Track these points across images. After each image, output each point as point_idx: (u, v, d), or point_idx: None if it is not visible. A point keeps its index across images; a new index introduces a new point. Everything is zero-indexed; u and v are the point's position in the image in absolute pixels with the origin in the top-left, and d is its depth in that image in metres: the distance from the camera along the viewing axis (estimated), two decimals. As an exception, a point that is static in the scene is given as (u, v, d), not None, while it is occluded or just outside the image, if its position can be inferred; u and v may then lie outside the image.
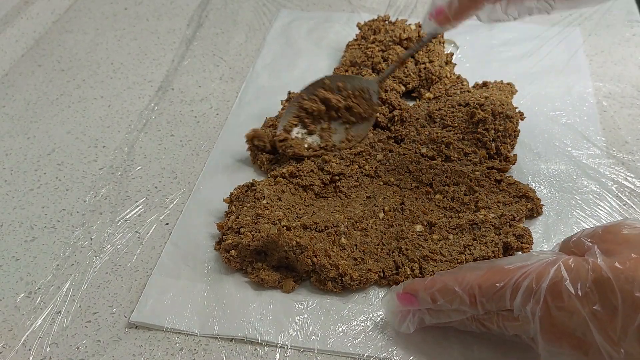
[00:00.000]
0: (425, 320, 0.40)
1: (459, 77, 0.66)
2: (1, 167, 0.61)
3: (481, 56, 0.72)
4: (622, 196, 0.53)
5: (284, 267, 0.48)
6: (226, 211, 0.53)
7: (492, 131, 0.56)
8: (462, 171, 0.54)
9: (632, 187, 0.54)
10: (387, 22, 0.71)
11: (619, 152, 0.58)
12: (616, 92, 0.65)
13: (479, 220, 0.49)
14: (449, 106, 0.59)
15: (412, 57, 0.67)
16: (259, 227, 0.48)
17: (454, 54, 0.71)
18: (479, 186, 0.53)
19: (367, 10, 0.82)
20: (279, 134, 0.57)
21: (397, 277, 0.46)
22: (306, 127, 0.58)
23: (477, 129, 0.56)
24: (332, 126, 0.58)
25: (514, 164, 0.56)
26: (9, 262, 0.51)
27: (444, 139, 0.56)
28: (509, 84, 0.64)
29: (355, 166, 0.55)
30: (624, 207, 0.52)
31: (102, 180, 0.58)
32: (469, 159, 0.55)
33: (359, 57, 0.67)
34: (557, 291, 0.33)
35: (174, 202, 0.55)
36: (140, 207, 0.55)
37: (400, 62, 0.58)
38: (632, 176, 0.55)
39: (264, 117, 0.62)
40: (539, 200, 0.52)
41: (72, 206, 0.56)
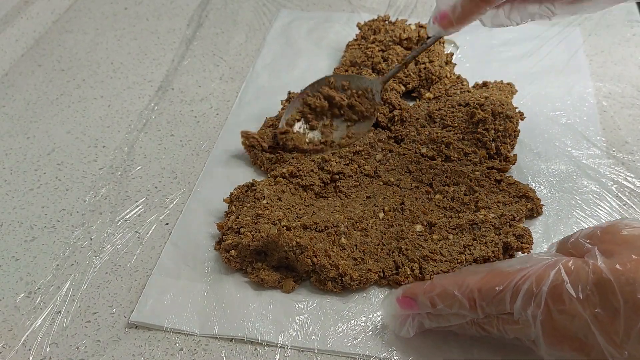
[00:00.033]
0: (424, 324, 0.40)
1: (459, 77, 0.66)
2: (1, 167, 0.61)
3: (481, 56, 0.72)
4: (622, 196, 0.53)
5: (284, 267, 0.48)
6: (226, 211, 0.53)
7: (492, 131, 0.56)
8: (462, 171, 0.54)
9: (632, 187, 0.54)
10: (387, 22, 0.71)
11: (619, 152, 0.58)
12: (616, 92, 0.65)
13: (479, 220, 0.49)
14: (449, 106, 0.59)
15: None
16: (259, 227, 0.48)
17: (454, 54, 0.71)
18: (479, 186, 0.53)
19: (367, 10, 0.82)
20: (281, 127, 0.57)
21: (397, 277, 0.46)
22: (308, 123, 0.59)
23: (477, 129, 0.56)
24: (333, 123, 0.59)
25: (514, 164, 0.56)
26: (9, 262, 0.51)
27: (444, 139, 0.56)
28: (509, 84, 0.64)
29: (354, 165, 0.55)
30: (624, 207, 0.52)
31: (102, 180, 0.58)
32: (469, 159, 0.55)
33: (359, 57, 0.67)
34: (557, 294, 0.33)
35: (174, 202, 0.55)
36: (140, 207, 0.55)
37: (403, 64, 0.59)
38: (632, 176, 0.55)
39: (264, 117, 0.62)
40: (539, 200, 0.52)
41: (72, 206, 0.56)
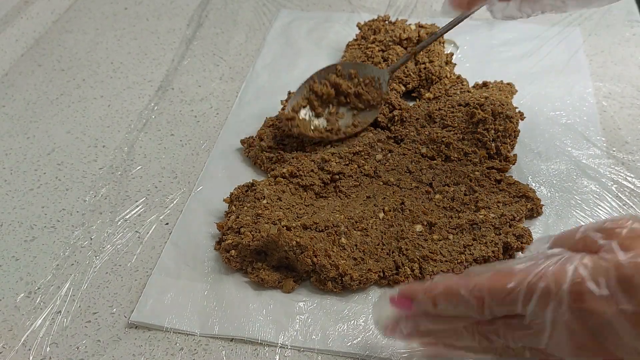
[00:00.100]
0: (420, 325, 0.38)
1: (459, 77, 0.66)
2: (1, 167, 0.61)
3: (481, 56, 0.72)
4: (622, 196, 0.53)
5: (284, 267, 0.48)
6: (226, 211, 0.53)
7: (492, 131, 0.56)
8: (462, 171, 0.54)
9: (632, 187, 0.54)
10: (387, 22, 0.71)
11: (619, 152, 0.58)
12: (616, 92, 0.65)
13: (479, 220, 0.49)
14: (449, 106, 0.59)
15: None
16: (259, 227, 0.48)
17: (454, 54, 0.71)
18: (479, 186, 0.53)
19: (367, 10, 0.82)
20: (287, 112, 0.57)
21: (397, 277, 0.46)
22: (314, 110, 0.59)
23: (477, 129, 0.56)
24: (339, 111, 0.59)
25: (514, 164, 0.56)
26: (9, 262, 0.51)
27: (444, 139, 0.56)
28: (509, 84, 0.64)
29: (354, 165, 0.55)
30: (623, 207, 0.52)
31: (102, 180, 0.58)
32: (469, 159, 0.55)
33: (359, 57, 0.67)
34: (577, 292, 0.31)
35: (174, 202, 0.55)
36: (140, 207, 0.55)
37: (412, 54, 0.59)
38: (632, 176, 0.55)
39: (264, 117, 0.62)
40: (539, 200, 0.52)
41: (72, 206, 0.56)
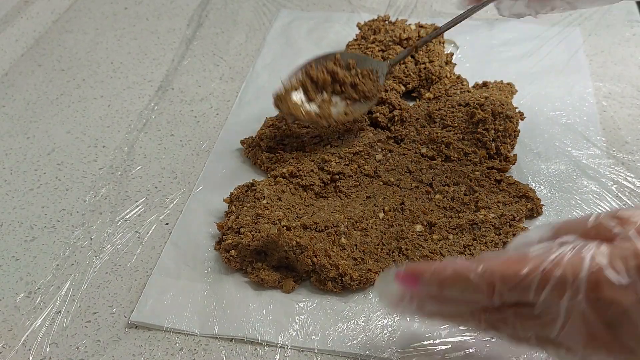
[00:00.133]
0: (425, 308, 0.36)
1: (459, 77, 0.66)
2: (1, 167, 0.61)
3: (481, 56, 0.72)
4: (622, 196, 0.53)
5: (284, 267, 0.48)
6: (226, 211, 0.53)
7: (492, 131, 0.56)
8: (462, 171, 0.54)
9: (632, 187, 0.54)
10: (387, 22, 0.71)
11: (619, 152, 0.58)
12: (616, 92, 0.65)
13: (479, 220, 0.49)
14: (449, 106, 0.59)
15: (412, 57, 0.66)
16: (259, 227, 0.48)
17: (454, 54, 0.71)
18: (479, 186, 0.53)
19: (367, 10, 0.82)
20: (279, 91, 0.56)
21: (397, 277, 0.46)
22: (307, 94, 0.57)
23: (477, 129, 0.56)
24: (333, 99, 0.58)
25: (514, 164, 0.56)
26: (9, 262, 0.51)
27: (444, 139, 0.56)
28: (509, 84, 0.64)
29: (354, 165, 0.55)
30: (623, 207, 0.52)
31: (102, 180, 0.58)
32: (469, 159, 0.55)
33: (359, 57, 0.67)
34: (594, 281, 0.30)
35: (174, 202, 0.55)
36: (140, 207, 0.55)
37: (414, 48, 0.58)
38: (632, 176, 0.55)
39: (264, 117, 0.62)
40: (539, 200, 0.52)
41: (72, 206, 0.56)
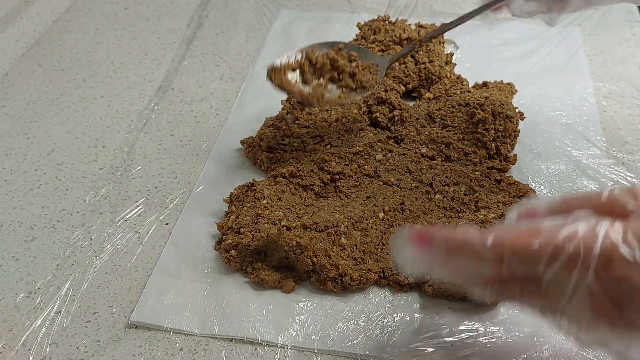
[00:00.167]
0: (434, 270, 0.35)
1: (459, 77, 0.66)
2: (1, 167, 0.61)
3: (481, 56, 0.72)
4: (622, 196, 0.53)
5: (284, 267, 0.48)
6: (226, 211, 0.53)
7: (492, 131, 0.56)
8: (462, 171, 0.54)
9: (632, 187, 0.54)
10: (387, 22, 0.71)
11: (619, 152, 0.58)
12: (616, 92, 0.65)
13: (479, 220, 0.49)
14: (449, 106, 0.59)
15: (412, 57, 0.67)
16: (259, 227, 0.48)
17: (454, 54, 0.71)
18: (479, 186, 0.53)
19: (367, 10, 0.82)
20: (275, 63, 0.55)
21: (397, 277, 0.46)
22: (303, 76, 0.56)
23: (477, 129, 0.56)
24: (329, 87, 0.56)
25: (514, 164, 0.56)
26: (9, 262, 0.51)
27: (444, 139, 0.56)
28: (509, 84, 0.64)
29: (354, 166, 0.55)
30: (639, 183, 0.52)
31: (102, 180, 0.58)
32: (469, 159, 0.55)
33: (359, 57, 0.67)
34: (607, 258, 0.30)
35: (174, 202, 0.55)
36: (140, 207, 0.55)
37: (418, 43, 0.57)
38: (632, 176, 0.55)
39: (264, 117, 0.62)
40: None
41: (72, 206, 0.56)
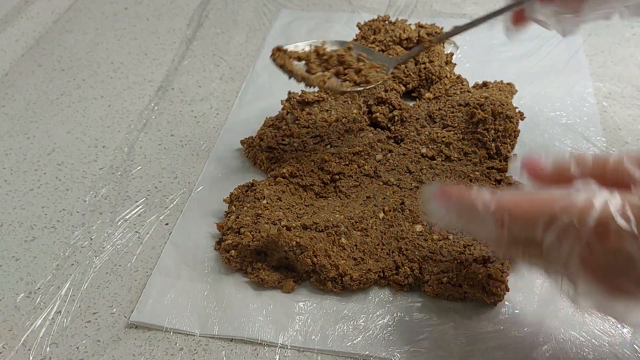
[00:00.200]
0: (453, 225, 0.39)
1: (459, 77, 0.66)
2: (1, 167, 0.61)
3: (481, 56, 0.72)
4: (622, 196, 0.53)
5: (284, 267, 0.48)
6: (226, 211, 0.53)
7: (492, 131, 0.56)
8: (462, 171, 0.54)
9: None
10: (387, 22, 0.71)
11: (619, 152, 0.58)
12: (616, 92, 0.65)
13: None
14: (449, 106, 0.59)
15: (412, 57, 0.67)
16: (259, 227, 0.48)
17: (454, 54, 0.71)
18: (479, 186, 0.53)
19: (367, 10, 0.82)
20: (282, 45, 0.55)
21: (397, 277, 0.46)
22: (309, 65, 0.56)
23: (477, 129, 0.56)
24: (332, 79, 0.56)
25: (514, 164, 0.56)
26: (9, 262, 0.51)
27: (444, 139, 0.56)
28: (509, 84, 0.64)
29: (354, 166, 0.55)
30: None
31: (102, 180, 0.58)
32: (469, 159, 0.55)
33: (359, 57, 0.67)
34: (602, 231, 0.30)
35: (174, 202, 0.55)
36: (140, 207, 0.55)
37: (428, 46, 0.56)
38: (632, 176, 0.55)
39: (264, 117, 0.62)
40: (539, 200, 0.52)
41: (72, 206, 0.56)
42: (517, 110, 0.58)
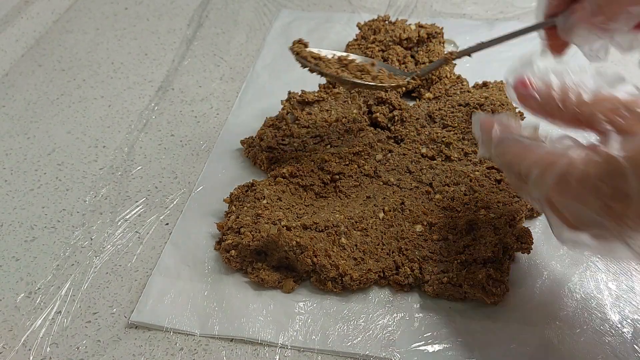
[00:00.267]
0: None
1: (459, 77, 0.66)
2: (1, 167, 0.61)
3: (481, 56, 0.71)
4: (622, 196, 0.53)
5: (284, 267, 0.48)
6: (226, 211, 0.53)
7: (492, 131, 0.56)
8: (462, 171, 0.54)
9: (632, 187, 0.54)
10: (387, 22, 0.71)
11: (619, 152, 0.58)
12: (616, 92, 0.65)
13: (478, 220, 0.49)
14: (449, 106, 0.59)
15: (412, 57, 0.67)
16: (259, 227, 0.48)
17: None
18: (479, 186, 0.53)
19: (368, 10, 0.82)
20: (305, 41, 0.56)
21: (397, 277, 0.46)
22: (325, 64, 0.55)
23: (477, 129, 0.56)
24: (345, 72, 0.55)
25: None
26: (9, 262, 0.51)
27: (444, 139, 0.56)
28: (509, 84, 0.64)
29: (354, 166, 0.55)
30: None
31: (102, 180, 0.58)
32: (469, 159, 0.55)
33: (359, 57, 0.67)
34: (564, 185, 0.32)
35: (174, 202, 0.55)
36: (140, 207, 0.55)
37: (451, 57, 0.56)
38: (632, 176, 0.55)
39: (264, 117, 0.62)
40: (539, 200, 0.52)
41: (72, 206, 0.56)
42: (517, 110, 0.58)
